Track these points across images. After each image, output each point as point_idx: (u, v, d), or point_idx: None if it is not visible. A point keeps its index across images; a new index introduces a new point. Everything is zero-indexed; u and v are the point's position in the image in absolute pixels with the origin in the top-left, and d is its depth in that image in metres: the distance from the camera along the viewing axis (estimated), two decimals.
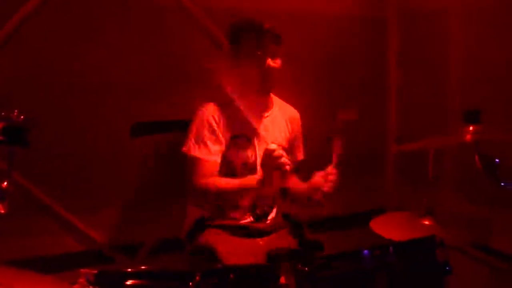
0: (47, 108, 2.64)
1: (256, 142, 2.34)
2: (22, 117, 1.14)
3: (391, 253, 1.31)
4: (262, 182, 2.16)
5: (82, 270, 1.16)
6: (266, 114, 2.40)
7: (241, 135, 2.32)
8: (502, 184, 1.62)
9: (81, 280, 1.14)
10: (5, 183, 1.06)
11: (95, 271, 1.13)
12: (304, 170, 2.52)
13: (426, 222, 2.15)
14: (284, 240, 2.34)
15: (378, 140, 3.54)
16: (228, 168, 2.32)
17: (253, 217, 2.36)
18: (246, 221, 2.34)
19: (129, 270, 1.12)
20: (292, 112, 2.52)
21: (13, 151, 1.13)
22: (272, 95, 2.45)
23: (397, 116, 3.57)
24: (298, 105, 2.57)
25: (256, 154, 2.34)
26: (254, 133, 2.35)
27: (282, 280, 1.17)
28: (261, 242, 2.30)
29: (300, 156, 2.54)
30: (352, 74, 3.37)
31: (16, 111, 1.15)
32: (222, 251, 2.15)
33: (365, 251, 1.28)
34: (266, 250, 2.11)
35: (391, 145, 3.50)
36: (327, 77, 3.34)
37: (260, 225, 2.35)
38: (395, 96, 3.56)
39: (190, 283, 1.06)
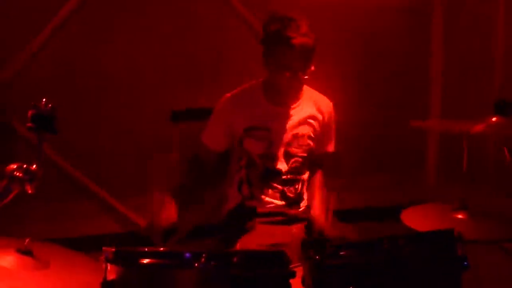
0: (90, 97, 2.81)
1: (275, 133, 2.31)
2: (49, 105, 1.24)
3: (404, 244, 1.31)
4: None
5: (104, 248, 1.25)
6: (293, 106, 2.36)
7: (259, 126, 2.30)
8: None
9: (102, 257, 1.24)
10: (34, 165, 1.16)
11: (114, 249, 1.22)
12: (334, 162, 2.51)
13: (460, 216, 2.11)
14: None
15: (420, 132, 3.48)
16: (247, 158, 2.33)
17: (284, 201, 2.35)
18: (279, 204, 2.33)
19: (142, 250, 1.20)
20: (324, 103, 2.44)
21: (41, 136, 1.24)
22: (303, 85, 2.38)
23: (441, 108, 3.49)
24: (337, 97, 2.56)
25: (274, 145, 2.31)
26: (275, 124, 2.31)
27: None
28: (294, 229, 2.29)
29: (330, 148, 2.47)
30: (394, 65, 3.33)
31: (44, 100, 1.25)
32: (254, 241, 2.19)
33: (376, 241, 1.29)
34: (299, 237, 2.13)
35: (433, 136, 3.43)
36: (369, 68, 3.31)
37: (293, 211, 2.33)
38: (439, 88, 3.48)
39: (196, 264, 1.12)
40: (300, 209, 2.37)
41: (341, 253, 1.31)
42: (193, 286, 1.14)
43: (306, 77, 2.22)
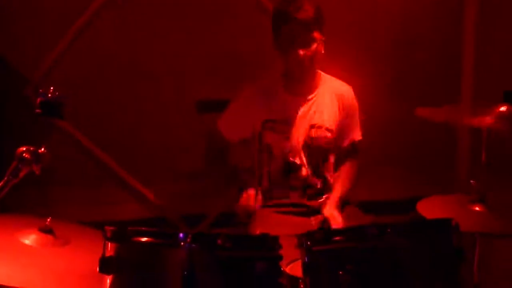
0: (121, 88, 2.96)
1: (294, 125, 2.31)
2: (57, 93, 1.33)
3: (393, 232, 1.32)
4: None
5: (105, 226, 1.33)
6: (310, 97, 2.34)
7: (277, 119, 2.31)
8: None
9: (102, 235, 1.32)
10: (42, 148, 1.26)
11: (113, 228, 1.31)
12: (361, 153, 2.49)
13: (477, 208, 2.08)
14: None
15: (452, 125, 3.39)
16: (267, 152, 2.34)
17: (305, 197, 2.36)
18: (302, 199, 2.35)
19: (136, 228, 1.27)
20: (342, 89, 2.39)
21: (50, 122, 1.33)
22: (321, 73, 2.38)
23: (472, 98, 3.39)
24: (368, 86, 2.52)
25: (293, 137, 2.32)
26: (293, 116, 2.31)
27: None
28: (313, 221, 2.30)
29: (357, 136, 2.43)
30: (425, 56, 3.27)
31: (52, 88, 1.34)
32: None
33: (367, 228, 1.31)
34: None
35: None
36: (400, 59, 3.26)
37: (313, 203, 2.35)
38: (471, 80, 3.38)
39: (182, 243, 1.18)
40: (321, 200, 2.36)
41: (333, 238, 1.34)
42: (181, 264, 1.21)
43: (308, 54, 2.21)
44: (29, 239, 1.65)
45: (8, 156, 2.88)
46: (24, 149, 1.26)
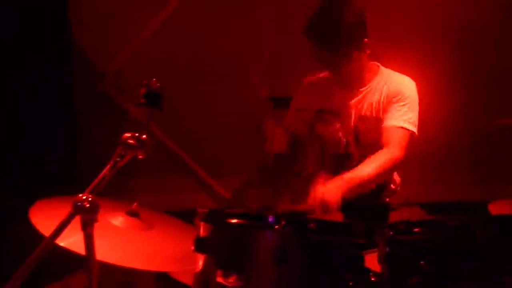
0: (193, 82, 3.10)
1: (344, 116, 2.31)
2: (158, 84, 1.45)
3: (475, 226, 1.35)
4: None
5: (198, 209, 1.43)
6: (362, 89, 2.31)
7: (327, 109, 2.33)
8: None
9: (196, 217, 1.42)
10: (144, 135, 1.38)
11: (207, 210, 1.40)
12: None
13: None
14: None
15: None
16: (320, 145, 2.36)
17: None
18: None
19: (230, 210, 1.36)
20: (401, 82, 2.28)
21: (150, 112, 1.45)
22: (378, 66, 2.34)
23: None
24: (429, 83, 2.50)
25: (344, 129, 2.31)
26: (344, 107, 2.30)
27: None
28: None
29: (398, 123, 2.21)
30: (492, 53, 3.26)
31: (154, 79, 1.46)
32: None
33: (448, 220, 1.35)
34: None
35: None
36: (466, 56, 3.25)
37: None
38: None
39: (276, 226, 1.26)
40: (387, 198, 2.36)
41: (415, 230, 1.39)
42: (272, 246, 1.29)
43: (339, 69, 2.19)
44: (117, 221, 1.79)
45: (82, 144, 3.10)
46: (129, 135, 1.37)
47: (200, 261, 1.43)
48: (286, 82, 2.91)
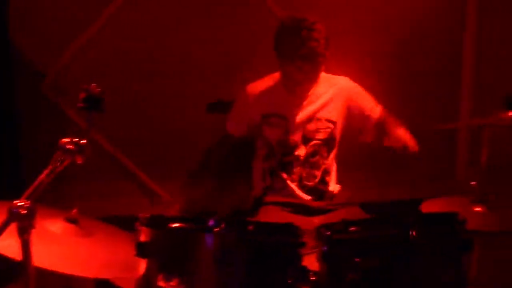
0: (137, 84, 3.10)
1: (292, 120, 2.38)
2: (98, 89, 1.44)
3: (408, 224, 1.44)
4: None
5: (140, 214, 1.43)
6: (309, 93, 2.41)
7: (274, 113, 2.40)
8: None
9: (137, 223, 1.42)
10: (85, 140, 1.36)
11: (148, 215, 1.41)
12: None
13: (478, 209, 2.17)
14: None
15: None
16: (268, 146, 2.43)
17: (302, 189, 2.42)
18: (307, 198, 2.42)
19: (171, 215, 1.38)
20: (341, 82, 2.45)
21: (91, 116, 1.44)
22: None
23: (472, 100, 3.52)
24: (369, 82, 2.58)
25: (292, 131, 2.39)
26: (292, 111, 2.39)
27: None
28: (315, 220, 2.32)
29: (375, 113, 2.45)
30: (426, 61, 3.39)
31: (94, 84, 1.45)
32: None
33: (382, 219, 1.42)
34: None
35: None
36: (400, 63, 3.38)
37: (319, 204, 2.42)
38: (471, 83, 3.52)
39: (216, 229, 1.29)
40: (330, 190, 2.44)
41: (350, 229, 1.45)
42: (213, 248, 1.31)
43: (320, 65, 2.27)
44: (56, 227, 1.75)
45: (23, 148, 2.99)
46: (68, 140, 1.36)
47: (142, 266, 1.43)
48: (221, 87, 2.98)
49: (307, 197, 2.43)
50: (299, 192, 2.42)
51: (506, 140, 2.78)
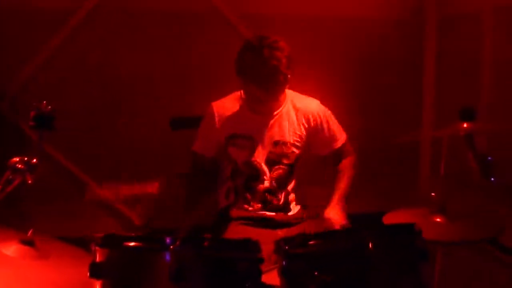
0: (95, 103, 3.06)
1: (258, 141, 2.37)
2: (49, 107, 1.41)
3: (366, 236, 1.44)
4: None
5: (93, 234, 1.40)
6: (275, 113, 2.40)
7: (240, 134, 2.38)
8: (492, 179, 1.67)
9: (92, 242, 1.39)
10: (35, 160, 1.33)
11: (102, 235, 1.37)
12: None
13: (438, 219, 2.19)
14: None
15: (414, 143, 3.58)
16: (233, 165, 2.41)
17: (268, 209, 2.40)
18: (271, 214, 2.41)
19: (125, 234, 1.35)
20: (307, 105, 2.42)
21: (42, 134, 1.41)
22: (286, 90, 2.41)
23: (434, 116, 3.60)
24: (333, 106, 2.60)
25: (257, 152, 2.37)
26: (257, 132, 2.38)
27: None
28: (280, 233, 2.34)
29: (337, 144, 2.46)
30: (388, 76, 3.45)
31: (44, 102, 1.42)
32: None
33: (339, 233, 1.42)
34: None
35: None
36: (363, 79, 3.43)
37: (283, 217, 2.41)
38: (433, 93, 3.60)
39: (172, 247, 1.26)
40: (291, 214, 2.42)
41: (309, 242, 1.45)
42: (169, 266, 1.29)
43: (282, 84, 2.25)
44: (10, 250, 1.69)
45: None
46: (18, 159, 1.32)
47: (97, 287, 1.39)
48: (186, 102, 2.97)
49: (270, 214, 2.42)
50: (262, 212, 2.41)
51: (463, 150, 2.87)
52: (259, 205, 2.40)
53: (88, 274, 1.38)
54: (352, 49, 3.38)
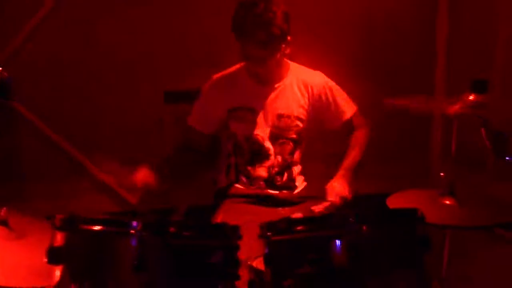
0: (85, 78, 2.95)
1: (260, 114, 2.28)
2: (5, 74, 1.27)
3: (359, 221, 1.29)
4: None
5: (54, 215, 1.27)
6: (276, 85, 2.30)
7: (241, 107, 2.29)
8: (507, 158, 1.50)
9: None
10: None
11: (62, 216, 1.25)
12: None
13: (447, 202, 2.05)
14: (305, 211, 2.21)
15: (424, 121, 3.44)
16: (234, 141, 2.32)
17: (271, 187, 2.31)
18: (274, 192, 2.31)
19: (85, 217, 1.22)
20: (311, 77, 2.35)
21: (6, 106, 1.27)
22: (288, 62, 2.34)
23: (446, 85, 3.41)
24: (339, 75, 2.43)
25: (259, 126, 2.28)
26: (260, 104, 2.28)
27: None
28: (282, 211, 2.26)
29: (347, 115, 2.34)
30: (399, 44, 3.31)
31: (1, 68, 1.27)
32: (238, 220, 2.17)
33: (327, 217, 1.27)
34: None
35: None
36: (372, 46, 3.29)
37: (286, 195, 2.30)
38: (444, 64, 3.43)
39: (133, 231, 1.13)
40: (294, 192, 2.32)
41: (295, 228, 1.30)
42: (131, 252, 1.15)
43: (279, 40, 2.14)
44: None
45: None
46: None
47: (57, 273, 1.27)
48: (179, 76, 2.84)
49: (274, 192, 2.31)
50: (265, 189, 2.30)
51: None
52: (262, 182, 2.30)
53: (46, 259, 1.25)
54: (363, 21, 3.23)
